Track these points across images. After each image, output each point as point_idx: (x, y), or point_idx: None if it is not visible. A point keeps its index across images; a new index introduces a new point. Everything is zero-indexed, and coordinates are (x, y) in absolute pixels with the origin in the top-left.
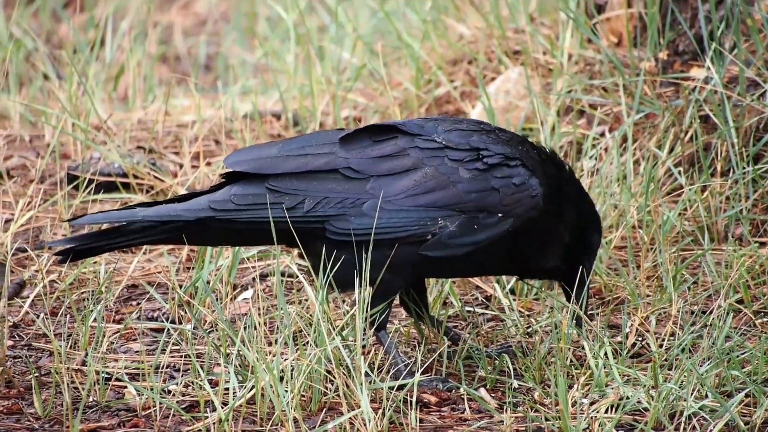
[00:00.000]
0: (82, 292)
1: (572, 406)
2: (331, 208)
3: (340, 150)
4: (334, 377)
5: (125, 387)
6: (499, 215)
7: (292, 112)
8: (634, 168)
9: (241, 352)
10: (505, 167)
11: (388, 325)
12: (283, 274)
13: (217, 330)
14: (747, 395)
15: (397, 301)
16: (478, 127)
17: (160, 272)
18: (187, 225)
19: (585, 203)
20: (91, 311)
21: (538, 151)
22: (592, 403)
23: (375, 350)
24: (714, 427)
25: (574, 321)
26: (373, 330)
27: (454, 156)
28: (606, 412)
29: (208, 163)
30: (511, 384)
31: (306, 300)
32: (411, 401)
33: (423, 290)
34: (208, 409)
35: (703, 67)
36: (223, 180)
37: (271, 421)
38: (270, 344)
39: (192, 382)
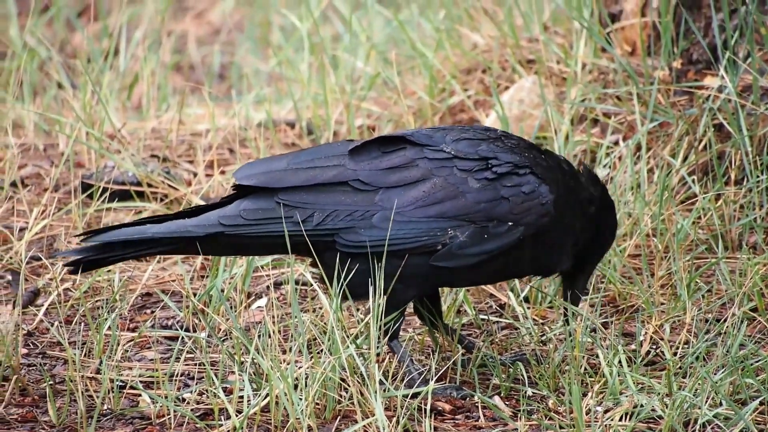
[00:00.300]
0: (97, 301)
1: (586, 414)
2: (341, 221)
3: (349, 162)
4: (349, 385)
5: (139, 395)
6: (509, 224)
7: (306, 121)
8: (648, 176)
9: (255, 360)
10: (514, 176)
11: (401, 334)
12: (297, 283)
13: (231, 338)
14: (761, 403)
15: (410, 310)
16: (485, 135)
17: (174, 280)
18: (197, 239)
19: (598, 205)
20: (106, 319)
21: (545, 156)
22: (606, 411)
23: (389, 358)
24: None
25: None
26: (386, 339)
27: (463, 166)
28: (620, 420)
29: (222, 172)
30: (526, 392)
31: (320, 308)
32: (425, 409)
33: (436, 298)
34: (222, 417)
35: (717, 76)
36: (234, 192)
37: (285, 429)
38: (284, 352)
39: (206, 390)
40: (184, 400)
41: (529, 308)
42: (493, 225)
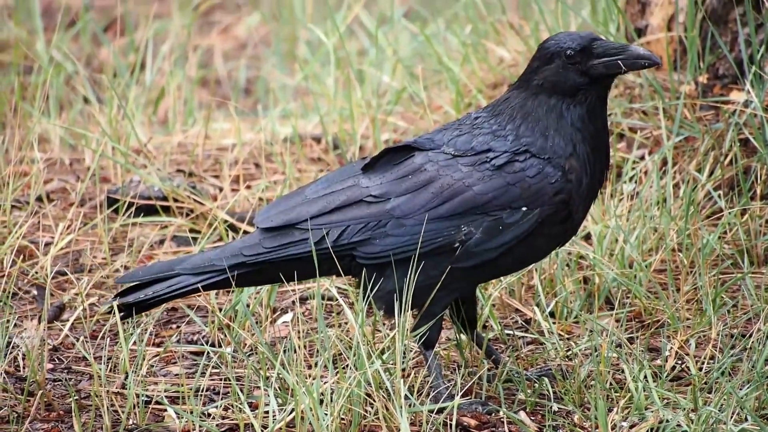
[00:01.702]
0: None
1: (612, 430)
2: (356, 235)
3: (363, 179)
4: (374, 400)
5: (165, 410)
6: (523, 209)
7: (332, 135)
8: (674, 191)
9: (280, 375)
10: (515, 163)
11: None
12: (322, 297)
13: (256, 353)
14: None
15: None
16: (472, 124)
17: (199, 295)
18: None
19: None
20: (131, 334)
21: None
22: (631, 427)
23: (414, 373)
24: None
25: None
26: (420, 344)
27: (465, 162)
28: None
29: (248, 187)
30: (551, 407)
31: (346, 323)
32: (451, 424)
33: (472, 305)
34: None
35: (743, 91)
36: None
37: None
38: (310, 367)
39: (231, 405)
40: (209, 415)
41: (554, 323)
42: (507, 214)
